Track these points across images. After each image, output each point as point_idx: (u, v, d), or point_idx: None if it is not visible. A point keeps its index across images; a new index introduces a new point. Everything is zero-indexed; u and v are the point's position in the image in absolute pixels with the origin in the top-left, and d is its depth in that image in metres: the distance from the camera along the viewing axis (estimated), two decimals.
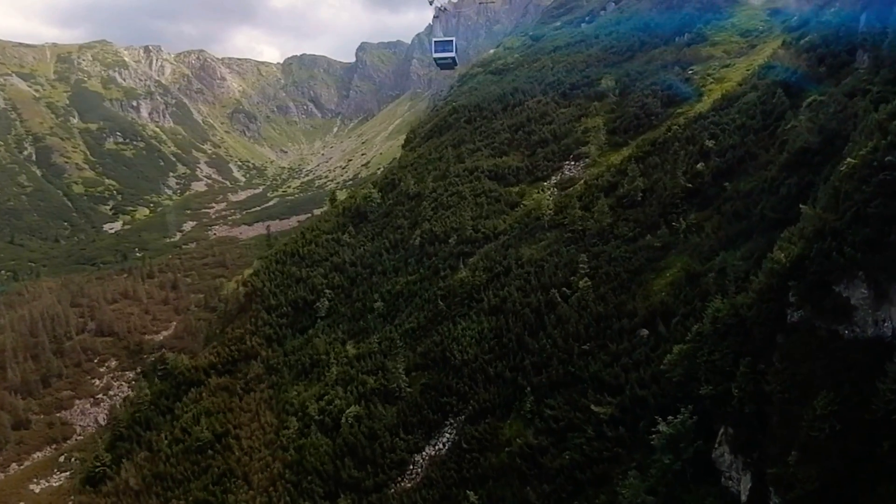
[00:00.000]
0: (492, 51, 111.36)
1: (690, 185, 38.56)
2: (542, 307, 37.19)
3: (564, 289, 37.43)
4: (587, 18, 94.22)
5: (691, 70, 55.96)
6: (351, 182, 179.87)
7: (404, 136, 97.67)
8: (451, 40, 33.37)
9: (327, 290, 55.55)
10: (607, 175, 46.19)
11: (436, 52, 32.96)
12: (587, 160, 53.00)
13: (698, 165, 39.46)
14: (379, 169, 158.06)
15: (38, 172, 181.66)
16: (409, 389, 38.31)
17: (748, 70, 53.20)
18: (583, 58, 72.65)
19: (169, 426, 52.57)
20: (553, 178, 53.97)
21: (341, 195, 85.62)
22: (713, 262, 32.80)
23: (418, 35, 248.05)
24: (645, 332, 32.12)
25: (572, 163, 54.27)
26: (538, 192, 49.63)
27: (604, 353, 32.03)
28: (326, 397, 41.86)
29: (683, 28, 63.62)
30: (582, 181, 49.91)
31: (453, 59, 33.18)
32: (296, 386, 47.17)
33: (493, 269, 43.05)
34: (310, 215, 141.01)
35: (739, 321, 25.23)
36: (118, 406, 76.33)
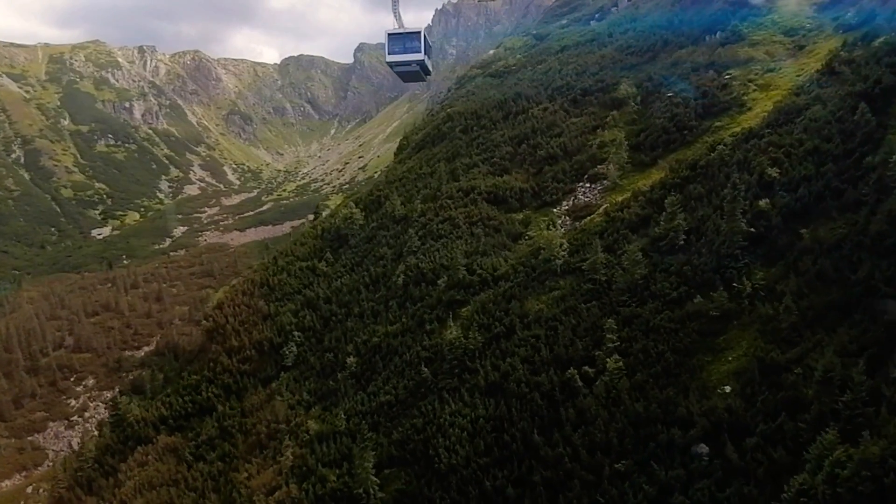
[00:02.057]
0: (491, 52, 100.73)
1: (753, 230, 28.25)
2: (557, 392, 27.02)
3: (586, 368, 27.22)
4: (596, 16, 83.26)
5: (728, 74, 45.56)
6: (347, 186, 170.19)
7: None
8: (418, 32, 20.47)
9: (296, 333, 45.77)
10: (635, 206, 35.83)
11: (391, 52, 20.72)
12: (605, 182, 42.73)
13: (761, 202, 29.17)
14: (376, 172, 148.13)
15: (27, 176, 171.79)
16: (379, 495, 28.21)
17: (799, 75, 42.94)
18: (595, 59, 61.92)
19: (110, 493, 43.37)
20: (564, 203, 43.70)
21: (336, 199, 76.77)
22: (798, 351, 22.69)
23: None
24: (704, 449, 21.97)
25: (587, 185, 43.97)
26: (548, 228, 39.13)
27: (647, 478, 21.86)
28: (277, 494, 31.80)
29: (715, 25, 52.93)
30: (601, 209, 39.66)
31: (421, 64, 20.71)
32: (247, 464, 37.16)
33: (492, 328, 32.82)
34: (304, 221, 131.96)
35: (878, 489, 15.28)
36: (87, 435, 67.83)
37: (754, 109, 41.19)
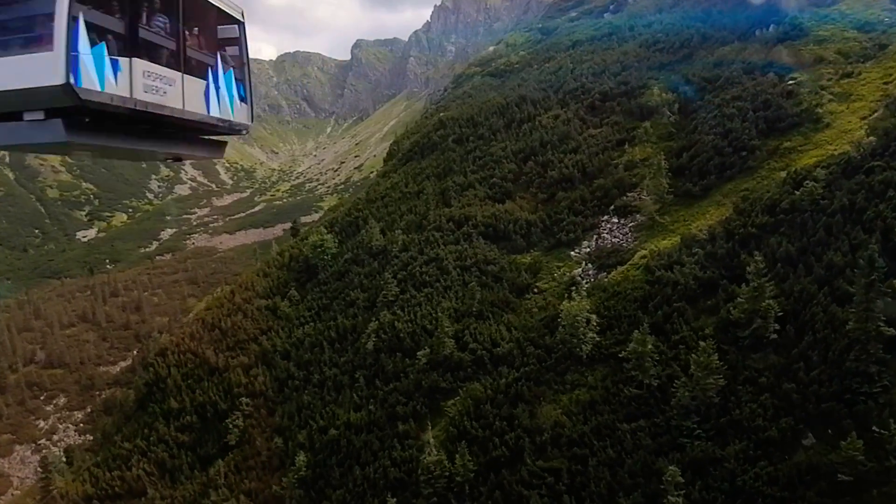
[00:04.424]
0: (491, 48, 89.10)
1: (891, 330, 17.49)
2: None
3: None
4: (611, 7, 71.63)
5: (793, 79, 34.54)
6: (342, 186, 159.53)
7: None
8: None
9: (245, 400, 35.69)
10: (690, 262, 24.89)
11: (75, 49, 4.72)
12: (640, 217, 31.84)
13: None
14: (372, 172, 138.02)
15: (11, 175, 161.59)
16: None
17: (888, 83, 32.01)
18: (615, 56, 50.44)
19: None
20: (584, 243, 32.69)
21: (330, 201, 66.93)
22: None
23: (415, 32, 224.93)
24: None
25: (614, 220, 32.98)
26: (567, 294, 27.60)
27: None
28: None
29: (767, 17, 41.57)
30: (637, 257, 28.75)
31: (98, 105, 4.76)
32: None
33: (489, 448, 22.09)
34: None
35: None
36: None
37: (835, 126, 30.32)
